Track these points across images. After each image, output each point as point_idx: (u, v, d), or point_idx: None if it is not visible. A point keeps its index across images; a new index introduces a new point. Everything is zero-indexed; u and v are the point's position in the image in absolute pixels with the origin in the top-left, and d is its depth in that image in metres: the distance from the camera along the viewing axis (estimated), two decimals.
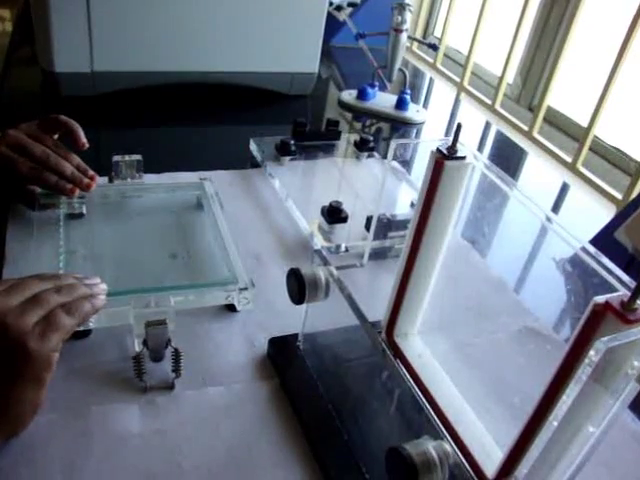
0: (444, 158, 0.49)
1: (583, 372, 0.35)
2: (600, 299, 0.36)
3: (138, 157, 0.85)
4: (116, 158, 0.84)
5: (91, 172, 0.81)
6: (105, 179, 0.85)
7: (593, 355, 0.34)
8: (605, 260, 0.42)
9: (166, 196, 0.87)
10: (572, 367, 0.38)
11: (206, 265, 0.76)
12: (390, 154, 0.54)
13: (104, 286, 0.60)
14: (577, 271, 0.45)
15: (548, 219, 0.47)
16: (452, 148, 0.49)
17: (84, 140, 0.82)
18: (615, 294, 0.36)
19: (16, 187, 0.82)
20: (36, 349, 0.49)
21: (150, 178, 0.91)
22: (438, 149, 0.49)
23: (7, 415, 0.51)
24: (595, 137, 1.32)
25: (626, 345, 0.34)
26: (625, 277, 0.39)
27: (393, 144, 0.54)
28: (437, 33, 1.97)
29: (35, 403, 0.52)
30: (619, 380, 0.36)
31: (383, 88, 1.40)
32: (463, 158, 0.49)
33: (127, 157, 0.85)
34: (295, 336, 0.68)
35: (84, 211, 0.81)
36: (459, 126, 0.48)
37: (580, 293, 0.48)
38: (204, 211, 0.84)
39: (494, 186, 0.51)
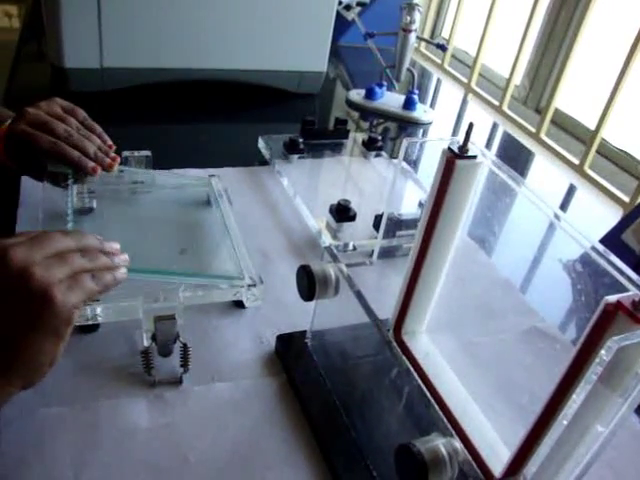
0: (455, 157, 0.49)
1: (593, 371, 0.35)
2: (611, 299, 0.36)
3: (147, 153, 0.85)
4: (125, 153, 0.84)
5: (113, 153, 0.79)
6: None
7: (604, 354, 0.34)
8: (615, 259, 0.42)
9: (175, 192, 0.87)
10: (582, 366, 0.38)
11: (215, 261, 0.76)
12: (401, 153, 0.54)
13: (126, 256, 0.58)
14: (587, 270, 0.45)
15: (557, 217, 0.47)
16: (464, 147, 0.49)
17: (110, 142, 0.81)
18: (626, 294, 0.36)
19: (33, 166, 0.78)
20: (61, 300, 0.49)
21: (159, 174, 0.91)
22: (450, 148, 0.49)
23: (26, 365, 0.50)
24: (602, 140, 1.32)
25: (637, 345, 0.34)
26: (635, 277, 0.40)
27: (405, 143, 0.54)
28: (445, 34, 1.97)
29: (53, 356, 0.51)
30: (629, 380, 0.36)
31: (391, 88, 1.40)
32: (474, 157, 0.50)
33: (136, 153, 0.85)
34: (303, 333, 0.68)
35: (94, 205, 0.81)
36: (471, 125, 0.48)
37: (589, 293, 0.48)
38: (213, 208, 0.84)
39: (502, 185, 0.51)
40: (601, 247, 0.43)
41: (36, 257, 0.49)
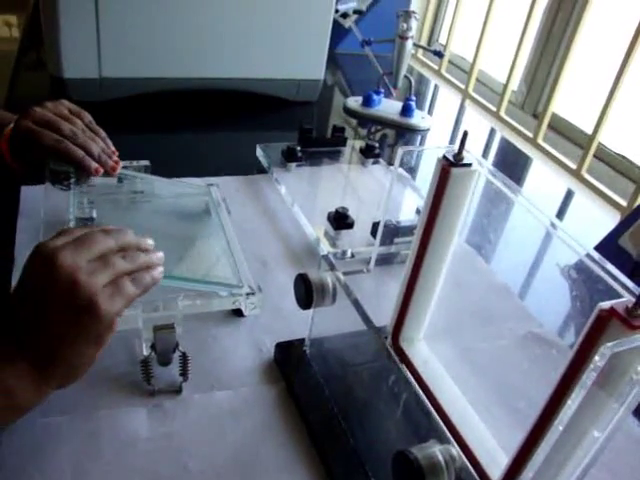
0: (450, 165, 0.49)
1: (588, 377, 0.35)
2: (605, 305, 0.36)
3: (146, 162, 0.86)
4: (124, 163, 0.84)
5: (116, 157, 0.80)
6: (114, 180, 0.86)
7: (598, 360, 0.35)
8: (610, 266, 0.42)
9: (174, 202, 0.87)
10: (577, 372, 0.38)
11: (214, 270, 0.76)
12: (397, 161, 0.55)
13: (161, 254, 0.59)
14: (582, 277, 0.45)
15: (553, 225, 0.47)
16: (458, 155, 0.50)
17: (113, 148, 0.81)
18: (620, 300, 0.36)
19: (37, 165, 0.78)
20: (104, 309, 0.50)
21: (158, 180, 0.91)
22: (444, 156, 0.50)
23: (66, 368, 0.52)
24: (600, 144, 1.32)
25: (631, 350, 0.35)
26: (630, 283, 0.40)
27: (400, 151, 0.54)
28: (442, 40, 1.98)
29: (91, 359, 0.53)
30: (624, 385, 0.36)
31: (388, 95, 1.41)
32: (469, 165, 0.50)
33: (135, 162, 0.86)
34: (302, 341, 0.68)
35: (94, 215, 0.82)
36: (465, 133, 0.48)
37: (585, 299, 0.49)
38: (212, 217, 0.84)
39: (499, 193, 0.52)
40: (596, 254, 0.43)
41: (82, 262, 0.50)
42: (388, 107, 1.38)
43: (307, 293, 0.59)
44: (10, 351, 0.50)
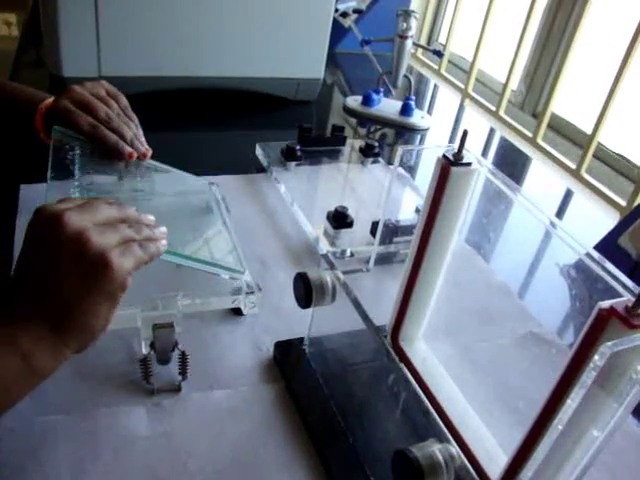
0: (450, 164, 0.49)
1: (588, 376, 0.35)
2: (605, 304, 0.36)
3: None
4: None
5: (147, 145, 0.80)
6: (115, 177, 0.85)
7: (598, 359, 0.35)
8: (609, 265, 0.42)
9: (175, 200, 0.87)
10: (577, 371, 0.38)
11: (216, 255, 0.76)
12: (396, 160, 0.55)
13: (164, 229, 0.59)
14: (581, 276, 0.45)
15: (552, 224, 0.47)
16: (458, 154, 0.50)
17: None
18: (620, 299, 0.36)
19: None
20: (117, 265, 0.50)
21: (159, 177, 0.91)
22: (444, 155, 0.50)
23: (82, 329, 0.51)
24: (599, 144, 1.32)
25: (631, 349, 0.35)
26: (629, 282, 0.40)
27: (399, 150, 0.54)
28: (442, 39, 1.98)
29: (106, 319, 0.52)
30: (624, 384, 0.36)
31: (388, 94, 1.41)
32: (469, 164, 0.50)
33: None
34: (301, 340, 0.68)
35: None
36: (465, 132, 0.48)
37: (584, 298, 0.48)
38: (213, 213, 0.84)
39: (499, 192, 0.52)
40: (596, 254, 0.43)
41: (88, 223, 0.50)
42: (388, 106, 1.38)
43: (306, 292, 0.59)
44: (24, 316, 0.50)
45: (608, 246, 0.89)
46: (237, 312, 0.73)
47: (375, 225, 0.87)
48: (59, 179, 0.68)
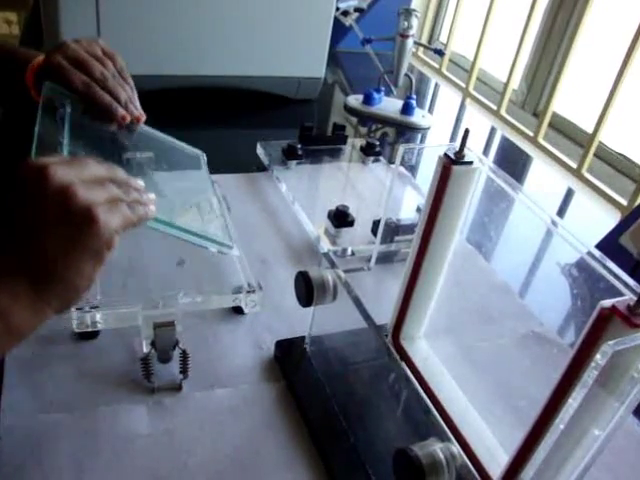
0: (452, 163, 0.49)
1: (589, 375, 0.35)
2: (607, 303, 0.36)
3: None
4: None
5: (141, 110, 0.77)
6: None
7: (599, 358, 0.35)
8: (611, 264, 0.42)
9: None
10: (578, 370, 0.38)
11: (214, 267, 0.76)
12: (398, 159, 0.55)
13: (153, 195, 0.57)
14: (583, 275, 0.45)
15: (554, 223, 0.47)
16: (459, 153, 0.49)
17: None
18: (621, 298, 0.36)
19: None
20: (103, 221, 0.48)
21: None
22: (446, 154, 0.50)
23: (64, 287, 0.49)
24: (600, 143, 1.32)
25: (632, 349, 0.35)
26: (631, 281, 0.40)
27: (401, 149, 0.54)
28: (443, 38, 1.98)
29: (90, 279, 0.49)
30: (625, 383, 0.36)
31: (389, 93, 1.40)
32: (470, 163, 0.50)
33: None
34: (302, 339, 0.68)
35: None
36: (467, 131, 0.48)
37: (586, 297, 0.48)
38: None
39: (500, 191, 0.52)
40: (597, 252, 0.43)
41: (75, 177, 0.48)
42: (388, 105, 1.38)
43: (308, 291, 0.59)
44: (3, 271, 0.47)
45: (609, 245, 0.89)
46: (238, 311, 0.73)
47: (376, 224, 0.87)
48: (46, 136, 0.65)
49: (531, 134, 1.46)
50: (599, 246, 0.90)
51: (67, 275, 0.48)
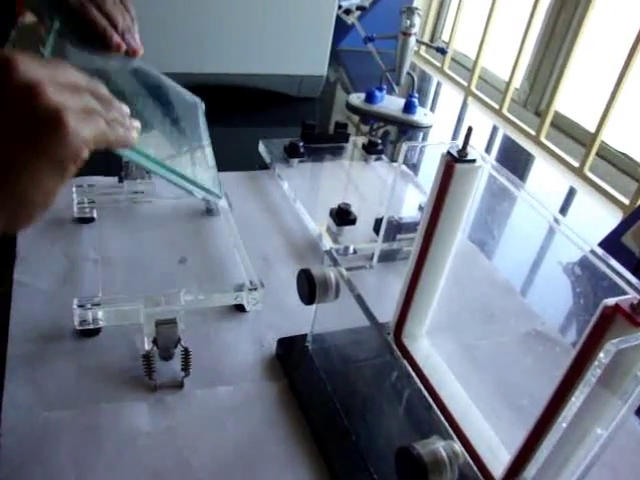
0: (454, 161, 0.49)
1: (592, 374, 0.35)
2: (610, 301, 0.36)
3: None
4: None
5: (140, 43, 0.70)
6: (115, 179, 0.86)
7: (603, 357, 0.34)
8: (614, 263, 0.42)
9: (176, 201, 0.87)
10: (581, 369, 0.38)
11: (215, 265, 0.76)
12: (401, 157, 0.55)
13: (138, 123, 0.51)
14: (586, 274, 0.45)
15: (556, 221, 0.47)
16: (463, 151, 0.49)
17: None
18: (625, 297, 0.36)
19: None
20: (72, 127, 0.41)
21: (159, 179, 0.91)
22: (449, 152, 0.50)
23: (18, 199, 0.42)
24: (602, 142, 1.32)
25: (636, 347, 0.34)
26: (634, 280, 0.40)
27: (404, 147, 0.54)
28: (445, 37, 1.98)
29: (49, 196, 0.43)
30: (628, 382, 0.36)
31: (391, 91, 1.40)
32: (473, 161, 0.50)
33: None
34: (304, 336, 0.68)
35: (95, 215, 0.81)
36: (470, 129, 0.48)
37: (589, 296, 0.48)
38: (213, 212, 0.84)
39: (502, 188, 0.51)
40: (600, 251, 0.43)
41: (46, 76, 0.41)
42: (391, 104, 1.38)
43: (310, 289, 0.59)
44: None
45: (611, 245, 0.89)
46: (240, 308, 0.72)
47: (378, 222, 0.87)
48: (23, 47, 0.58)
49: (533, 133, 1.46)
50: (601, 245, 0.90)
51: (23, 187, 0.41)
